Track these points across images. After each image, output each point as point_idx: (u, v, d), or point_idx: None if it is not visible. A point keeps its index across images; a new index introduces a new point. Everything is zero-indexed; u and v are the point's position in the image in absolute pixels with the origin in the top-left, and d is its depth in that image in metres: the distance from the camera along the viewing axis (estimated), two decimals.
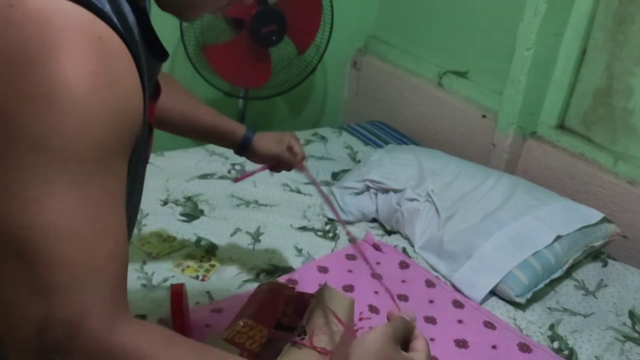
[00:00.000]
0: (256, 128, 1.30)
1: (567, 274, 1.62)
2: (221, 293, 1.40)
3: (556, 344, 1.40)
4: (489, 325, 1.41)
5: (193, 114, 1.23)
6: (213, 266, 1.49)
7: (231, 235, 1.63)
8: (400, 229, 1.74)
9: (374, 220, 1.81)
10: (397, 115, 2.50)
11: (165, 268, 1.47)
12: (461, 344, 1.34)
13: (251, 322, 1.04)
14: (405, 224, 1.72)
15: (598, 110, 1.93)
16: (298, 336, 0.99)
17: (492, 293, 1.53)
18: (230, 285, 1.43)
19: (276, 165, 1.32)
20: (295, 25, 2.14)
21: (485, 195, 1.73)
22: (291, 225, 1.71)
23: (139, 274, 1.43)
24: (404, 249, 1.68)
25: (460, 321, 1.42)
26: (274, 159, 1.30)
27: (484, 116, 2.17)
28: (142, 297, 1.35)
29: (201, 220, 1.68)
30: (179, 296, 1.23)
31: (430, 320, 1.41)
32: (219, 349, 0.67)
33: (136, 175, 0.78)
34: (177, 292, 1.23)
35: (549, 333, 1.43)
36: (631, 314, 1.50)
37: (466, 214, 1.67)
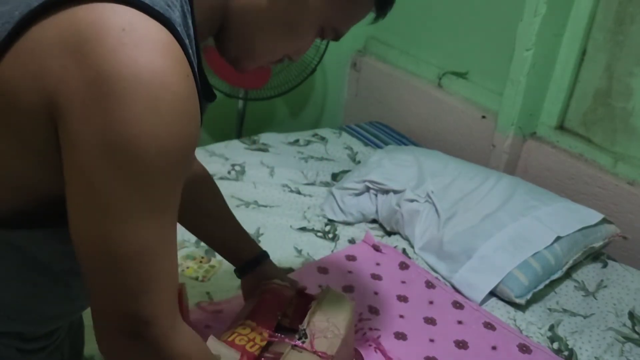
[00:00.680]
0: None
1: (567, 275, 1.62)
2: (221, 294, 1.40)
3: (556, 345, 1.40)
4: (489, 326, 1.41)
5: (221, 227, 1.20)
6: (213, 267, 1.49)
7: None
8: (400, 230, 1.74)
9: (374, 221, 1.81)
10: (397, 116, 2.50)
11: None
12: (461, 345, 1.34)
13: (252, 324, 1.04)
14: (405, 225, 1.72)
15: (598, 110, 1.93)
16: (299, 339, 0.99)
17: (492, 294, 1.53)
18: (230, 286, 1.43)
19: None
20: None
21: (485, 196, 1.73)
22: (291, 226, 1.71)
23: None
24: (404, 250, 1.68)
25: (460, 322, 1.42)
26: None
27: (484, 117, 2.17)
28: None
29: None
30: (179, 296, 1.22)
31: (430, 321, 1.41)
32: None
33: None
34: (177, 292, 1.23)
35: (549, 334, 1.43)
36: (631, 315, 1.50)
37: (466, 215, 1.67)
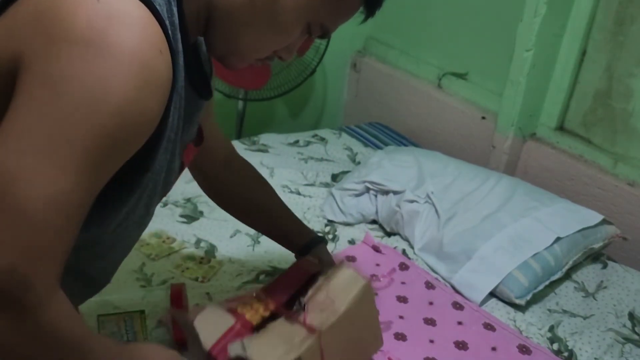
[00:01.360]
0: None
1: (567, 276, 1.61)
2: (221, 294, 1.40)
3: (556, 346, 1.39)
4: (489, 326, 1.41)
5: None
6: (213, 267, 1.49)
7: (231, 236, 1.63)
8: (400, 231, 1.74)
9: (374, 221, 1.80)
10: (397, 116, 2.50)
11: (164, 269, 1.46)
12: (461, 346, 1.34)
13: (262, 295, 1.02)
14: (405, 226, 1.72)
15: (598, 111, 1.93)
16: (295, 311, 0.98)
17: (492, 294, 1.52)
18: (230, 286, 1.43)
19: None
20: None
21: (484, 196, 1.73)
22: None
23: (138, 275, 1.43)
24: (404, 251, 1.68)
25: (460, 323, 1.42)
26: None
27: (484, 118, 2.17)
28: (142, 298, 1.35)
29: (201, 221, 1.68)
30: (179, 295, 1.22)
31: (429, 321, 1.41)
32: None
33: (151, 201, 0.81)
34: (177, 292, 1.23)
35: (549, 335, 1.42)
36: (631, 316, 1.50)
37: (466, 216, 1.67)
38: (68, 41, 0.58)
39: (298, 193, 1.89)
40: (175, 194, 1.78)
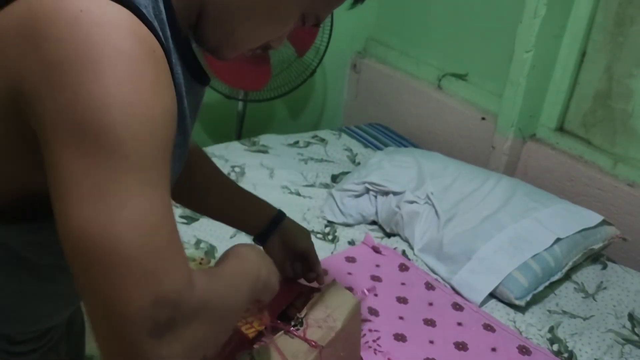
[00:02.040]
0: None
1: (567, 277, 1.61)
2: None
3: (556, 347, 1.39)
4: (489, 327, 1.41)
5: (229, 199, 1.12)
6: None
7: (231, 237, 1.63)
8: (399, 232, 1.74)
9: (374, 222, 1.81)
10: (397, 117, 2.50)
11: None
12: (461, 347, 1.34)
13: (255, 309, 1.03)
14: (404, 227, 1.72)
15: (597, 112, 1.93)
16: (294, 326, 0.99)
17: (492, 295, 1.52)
18: None
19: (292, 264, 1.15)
20: (294, 27, 2.14)
21: (484, 197, 1.73)
22: None
23: None
24: (404, 252, 1.68)
25: (459, 324, 1.42)
26: (300, 255, 1.14)
27: (484, 118, 2.17)
28: None
29: (201, 222, 1.68)
30: None
31: (429, 322, 1.41)
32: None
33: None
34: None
35: (549, 335, 1.43)
36: (631, 317, 1.50)
37: (466, 216, 1.67)
38: (68, 63, 0.57)
39: (298, 194, 1.89)
40: None
